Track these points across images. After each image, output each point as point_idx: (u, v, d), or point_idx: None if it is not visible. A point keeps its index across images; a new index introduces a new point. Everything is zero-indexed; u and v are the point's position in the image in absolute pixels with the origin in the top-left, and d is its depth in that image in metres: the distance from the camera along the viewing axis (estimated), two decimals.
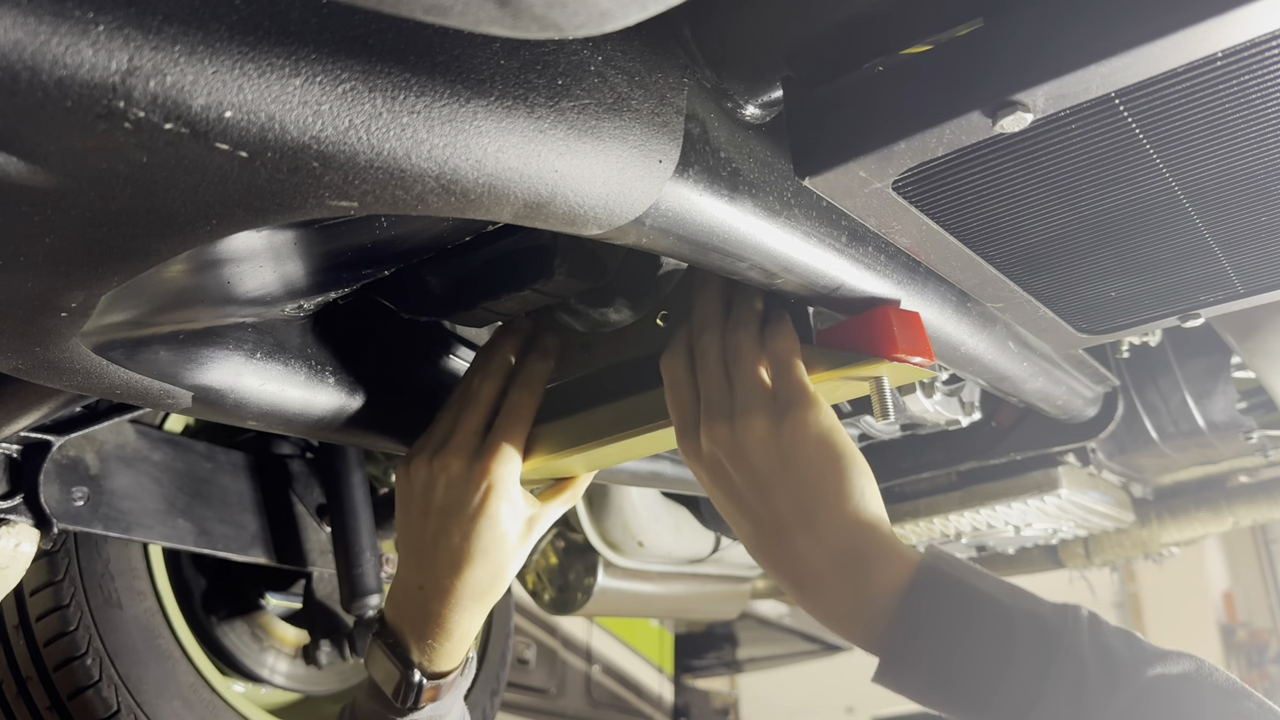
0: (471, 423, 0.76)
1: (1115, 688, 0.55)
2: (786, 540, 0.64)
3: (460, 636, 0.79)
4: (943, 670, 0.59)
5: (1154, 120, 0.51)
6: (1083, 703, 0.55)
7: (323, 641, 1.17)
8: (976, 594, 0.60)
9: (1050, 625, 0.58)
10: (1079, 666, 0.56)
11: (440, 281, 0.72)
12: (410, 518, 0.78)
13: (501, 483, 0.76)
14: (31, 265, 0.41)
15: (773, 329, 0.69)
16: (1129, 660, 0.56)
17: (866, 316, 0.67)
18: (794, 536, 0.64)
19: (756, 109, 0.56)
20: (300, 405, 0.70)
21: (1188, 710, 0.54)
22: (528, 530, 0.79)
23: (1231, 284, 0.73)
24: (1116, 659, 0.56)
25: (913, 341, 0.66)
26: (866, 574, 0.62)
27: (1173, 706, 0.54)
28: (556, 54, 0.44)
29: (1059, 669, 0.56)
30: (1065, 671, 0.56)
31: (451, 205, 0.43)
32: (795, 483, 0.64)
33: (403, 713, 0.79)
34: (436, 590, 0.76)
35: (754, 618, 3.40)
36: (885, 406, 0.68)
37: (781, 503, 0.65)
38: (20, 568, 0.84)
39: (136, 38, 0.31)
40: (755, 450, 0.65)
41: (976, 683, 0.57)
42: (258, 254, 0.57)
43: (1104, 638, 0.57)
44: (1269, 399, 1.35)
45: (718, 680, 4.79)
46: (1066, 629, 0.57)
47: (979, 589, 0.60)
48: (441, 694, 0.80)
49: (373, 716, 0.81)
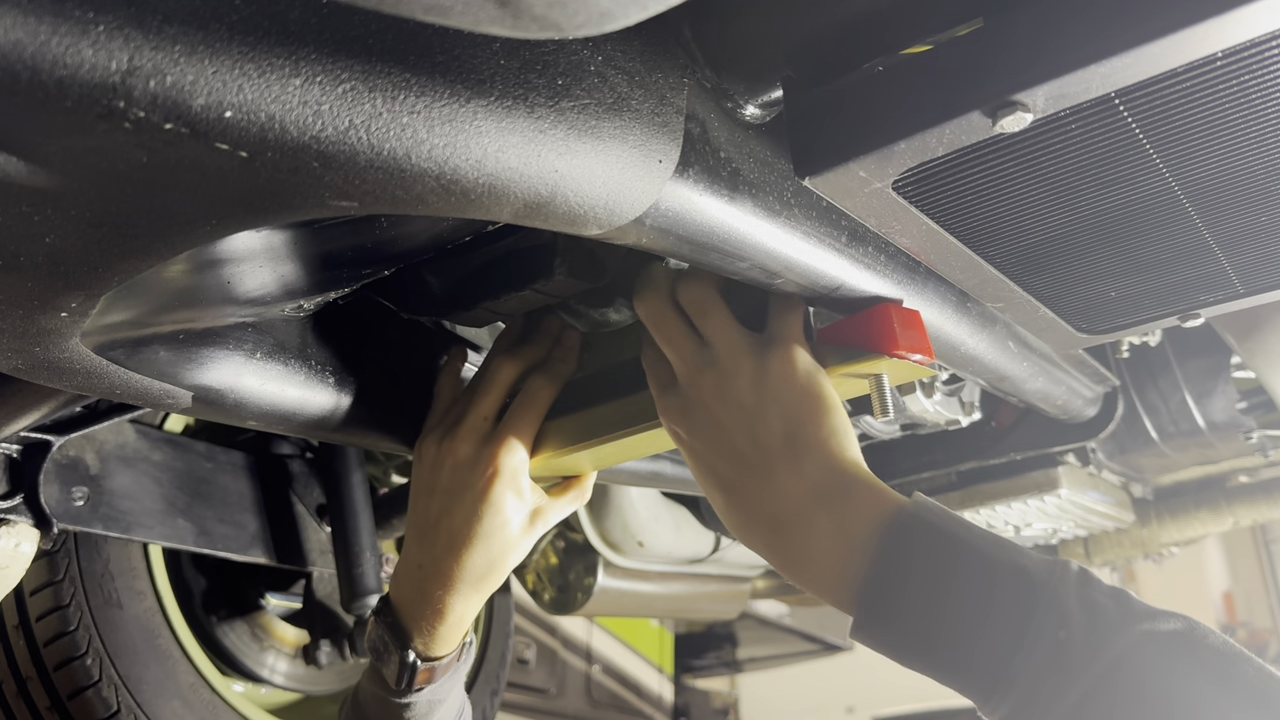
0: (484, 407, 0.76)
1: (1100, 643, 0.52)
2: (771, 475, 0.63)
3: (455, 620, 0.78)
4: (919, 620, 0.56)
5: (1154, 120, 0.51)
6: (1065, 657, 0.52)
7: (323, 641, 1.17)
8: (958, 543, 0.57)
9: (1035, 578, 0.55)
10: (1062, 620, 0.53)
11: (440, 281, 0.72)
12: (417, 496, 0.78)
13: (508, 469, 0.75)
14: (31, 265, 0.41)
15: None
16: (1116, 616, 0.53)
17: (867, 314, 0.67)
18: (779, 470, 0.63)
19: (756, 109, 0.56)
20: (300, 405, 0.70)
21: (1179, 670, 0.51)
22: (531, 522, 0.79)
23: (1231, 284, 0.73)
24: (1103, 614, 0.53)
25: (913, 339, 0.66)
26: (849, 509, 0.61)
27: (1162, 664, 0.51)
28: (556, 54, 0.44)
29: (1040, 622, 0.53)
30: (1046, 624, 0.53)
31: (451, 205, 0.43)
32: (783, 415, 0.64)
33: (399, 694, 0.78)
34: (434, 571, 0.76)
35: (754, 618, 3.40)
36: (885, 404, 0.68)
37: (768, 436, 0.64)
38: (20, 568, 0.84)
39: (136, 38, 0.31)
40: (744, 388, 0.65)
41: (954, 634, 0.55)
42: (258, 254, 0.57)
43: (1092, 593, 0.54)
44: (1269, 399, 1.36)
45: (718, 680, 4.79)
46: (1052, 582, 0.54)
47: (962, 538, 0.58)
48: (436, 677, 0.79)
49: (373, 699, 0.81)
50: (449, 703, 0.83)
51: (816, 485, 0.62)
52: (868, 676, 5.08)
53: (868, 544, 0.59)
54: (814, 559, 0.61)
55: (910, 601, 0.57)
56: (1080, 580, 0.55)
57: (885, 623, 0.58)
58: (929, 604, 0.56)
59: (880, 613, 0.58)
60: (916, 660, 0.57)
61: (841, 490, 0.62)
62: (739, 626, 3.88)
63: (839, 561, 0.60)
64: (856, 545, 0.60)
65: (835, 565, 0.60)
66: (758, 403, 0.65)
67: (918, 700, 4.61)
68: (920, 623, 0.56)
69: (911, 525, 0.59)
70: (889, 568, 0.58)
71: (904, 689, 4.26)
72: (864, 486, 0.62)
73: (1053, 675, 0.52)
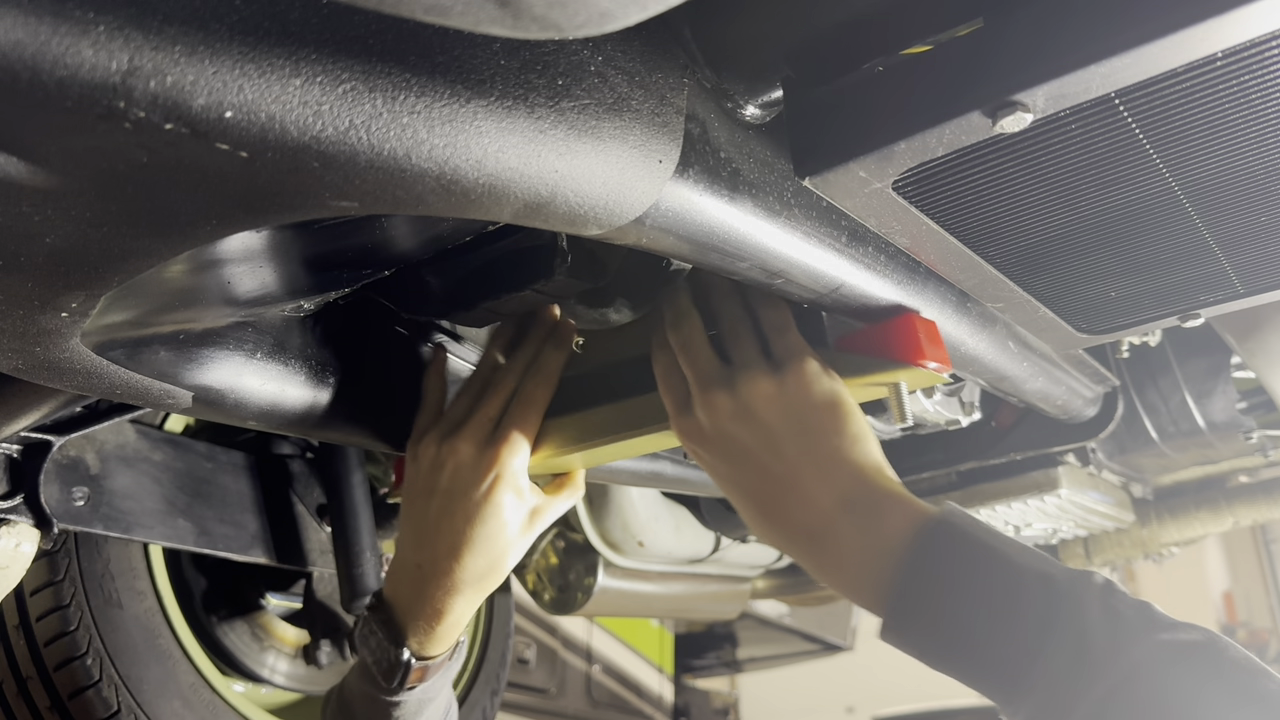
0: (489, 409, 0.77)
1: (1121, 650, 0.53)
2: (799, 489, 0.65)
3: (453, 621, 0.78)
4: (946, 624, 0.58)
5: (1154, 120, 0.51)
6: (1086, 662, 0.53)
7: (323, 641, 1.17)
8: (987, 549, 0.59)
9: (1060, 585, 0.56)
10: (1084, 627, 0.54)
11: (440, 281, 0.72)
12: (414, 496, 0.78)
13: (509, 471, 0.76)
14: (31, 265, 0.41)
15: (758, 298, 0.71)
16: (1138, 624, 0.54)
17: (890, 324, 0.68)
18: (807, 484, 0.65)
19: (756, 109, 0.56)
20: (300, 405, 0.70)
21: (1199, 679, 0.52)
22: (530, 522, 0.79)
23: (1231, 284, 0.73)
24: (1125, 622, 0.54)
25: (935, 350, 0.68)
26: (879, 519, 0.62)
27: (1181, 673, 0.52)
28: (557, 54, 0.44)
29: (1063, 628, 0.54)
30: (1068, 630, 0.54)
31: (451, 205, 0.43)
32: (805, 432, 0.65)
33: (390, 692, 0.78)
34: (434, 572, 0.76)
35: (754, 618, 3.40)
36: (904, 411, 0.69)
37: (793, 452, 0.65)
38: (20, 568, 0.84)
39: (137, 38, 0.31)
40: (764, 407, 0.66)
41: (979, 637, 0.57)
42: (258, 254, 0.57)
43: (1115, 602, 0.55)
44: (1269, 399, 1.35)
45: (718, 680, 4.79)
46: (1076, 590, 0.56)
47: (990, 545, 0.59)
48: (428, 676, 0.79)
49: (361, 697, 0.80)
50: (438, 701, 0.83)
51: (845, 495, 0.64)
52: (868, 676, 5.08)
53: (897, 550, 0.61)
54: (846, 567, 0.63)
55: (937, 605, 0.59)
56: (1105, 590, 0.56)
57: (913, 626, 0.60)
58: (956, 608, 0.58)
59: (908, 616, 0.60)
60: (942, 662, 0.59)
61: (870, 499, 0.63)
62: (739, 626, 3.88)
63: (870, 568, 0.62)
64: (886, 552, 0.61)
65: (867, 572, 0.62)
66: (778, 422, 0.66)
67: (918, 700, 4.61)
68: (947, 626, 0.58)
69: (940, 531, 0.60)
70: (917, 573, 0.60)
71: (904, 689, 4.26)
72: (892, 495, 0.64)
73: (1073, 679, 0.53)
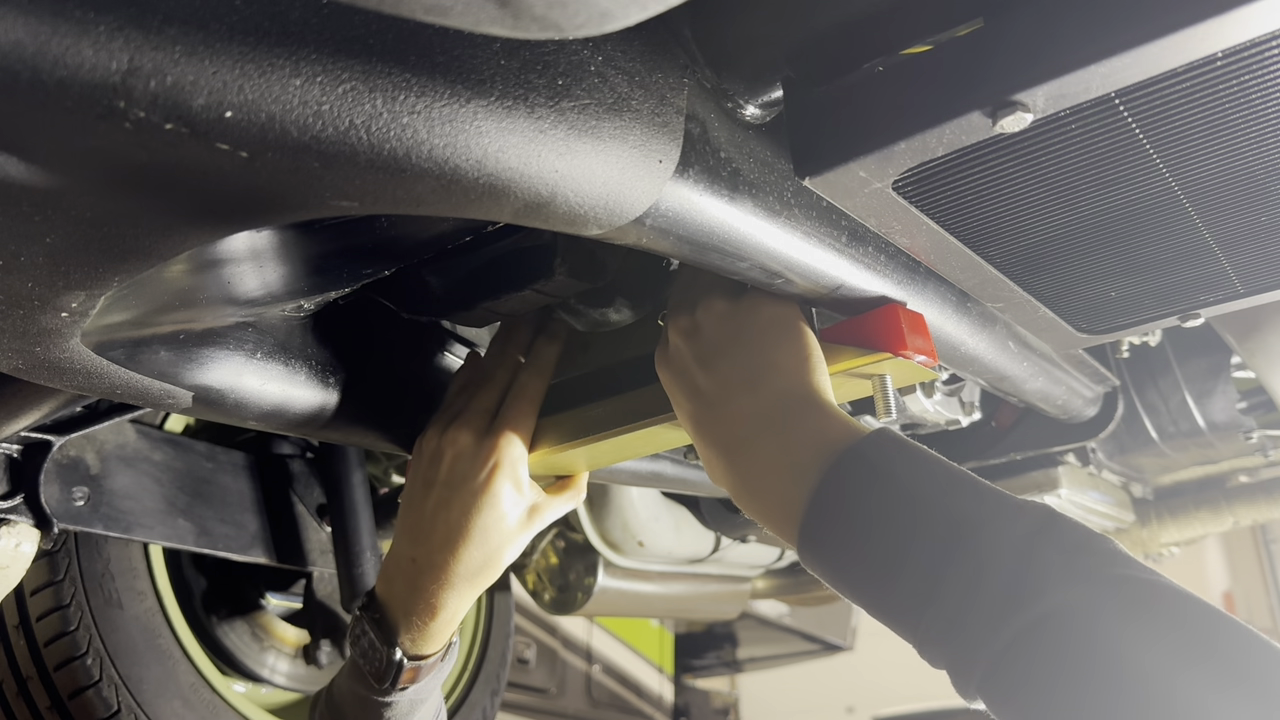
0: (484, 400, 0.77)
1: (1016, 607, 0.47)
2: (726, 404, 0.63)
3: (447, 618, 0.77)
4: (849, 559, 0.55)
5: (1154, 120, 0.51)
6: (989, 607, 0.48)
7: (323, 641, 1.17)
8: (894, 486, 0.54)
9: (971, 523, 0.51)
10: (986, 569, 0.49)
11: (440, 281, 0.72)
12: (413, 489, 0.77)
13: (508, 462, 0.75)
14: (31, 265, 0.41)
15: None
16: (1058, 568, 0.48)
17: (873, 313, 0.67)
18: (735, 398, 0.63)
19: (756, 109, 0.56)
20: (301, 405, 0.70)
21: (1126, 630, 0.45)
22: (528, 518, 0.78)
23: (1231, 284, 0.73)
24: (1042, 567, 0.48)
25: (919, 341, 0.67)
26: (794, 433, 0.59)
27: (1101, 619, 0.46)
28: (557, 54, 0.44)
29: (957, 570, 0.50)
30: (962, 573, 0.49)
31: (451, 205, 0.43)
32: (744, 349, 0.65)
33: (382, 693, 0.76)
34: (429, 565, 0.75)
35: (754, 618, 3.40)
36: (889, 405, 0.68)
37: (728, 368, 0.64)
38: (21, 568, 0.84)
39: (137, 38, 0.31)
40: (712, 324, 0.66)
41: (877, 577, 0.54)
42: (258, 254, 0.57)
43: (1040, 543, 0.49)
44: (1269, 399, 1.36)
45: (718, 680, 4.79)
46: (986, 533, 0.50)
47: (899, 478, 0.55)
48: (420, 676, 0.78)
49: (351, 698, 0.78)
50: (429, 703, 0.82)
51: (767, 409, 0.62)
52: (868, 676, 5.07)
53: (809, 471, 0.58)
54: (759, 483, 0.61)
55: (840, 539, 0.56)
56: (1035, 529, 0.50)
57: (819, 556, 0.57)
58: (858, 544, 0.55)
59: (815, 545, 0.57)
60: (850, 598, 0.56)
61: (791, 414, 0.61)
62: (739, 626, 3.88)
63: (782, 486, 0.59)
64: (799, 471, 0.58)
65: (779, 489, 0.59)
66: (722, 338, 0.66)
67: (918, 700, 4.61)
68: (850, 562, 0.55)
69: (847, 462, 0.57)
70: (825, 500, 0.56)
71: (904, 689, 4.26)
72: (816, 410, 0.60)
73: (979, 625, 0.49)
